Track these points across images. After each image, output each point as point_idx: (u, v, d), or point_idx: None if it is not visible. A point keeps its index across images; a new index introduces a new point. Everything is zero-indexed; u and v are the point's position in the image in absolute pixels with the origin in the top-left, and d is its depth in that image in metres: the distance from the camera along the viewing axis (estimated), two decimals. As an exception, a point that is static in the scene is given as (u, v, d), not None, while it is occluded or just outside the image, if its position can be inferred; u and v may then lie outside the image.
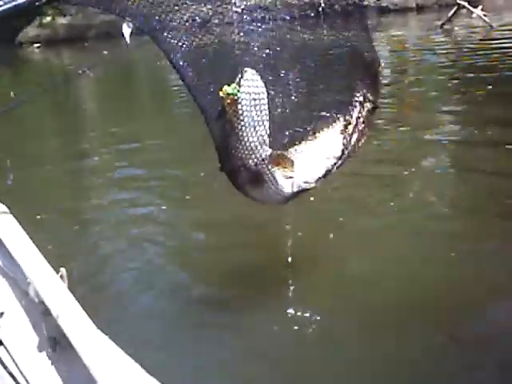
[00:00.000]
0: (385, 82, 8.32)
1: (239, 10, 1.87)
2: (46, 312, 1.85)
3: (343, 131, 2.17)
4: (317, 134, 2.15)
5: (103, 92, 12.71)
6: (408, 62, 10.51)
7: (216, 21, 1.97)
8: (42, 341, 1.94)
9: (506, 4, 16.72)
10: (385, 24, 16.82)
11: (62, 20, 24.82)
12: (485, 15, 12.57)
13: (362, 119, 2.21)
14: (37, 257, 1.99)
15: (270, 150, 1.98)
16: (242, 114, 1.86)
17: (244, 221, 4.48)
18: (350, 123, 2.18)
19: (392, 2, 19.08)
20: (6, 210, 2.38)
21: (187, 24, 1.85)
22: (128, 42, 1.66)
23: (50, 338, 1.91)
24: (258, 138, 1.92)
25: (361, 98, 2.20)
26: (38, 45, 22.71)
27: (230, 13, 1.91)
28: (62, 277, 1.91)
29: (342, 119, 2.19)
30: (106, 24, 20.30)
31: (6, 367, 2.00)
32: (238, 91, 1.84)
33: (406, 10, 18.58)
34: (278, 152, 2.02)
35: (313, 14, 2.23)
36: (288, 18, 2.22)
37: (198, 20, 1.92)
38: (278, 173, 2.04)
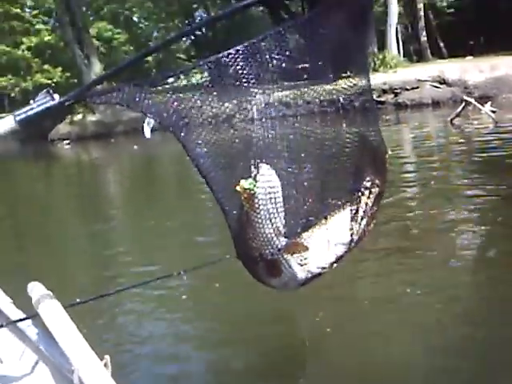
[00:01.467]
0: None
1: (261, 105, 1.94)
2: None
3: (353, 216, 2.20)
4: (327, 220, 2.16)
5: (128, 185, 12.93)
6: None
7: (237, 117, 2.02)
8: None
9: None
10: (402, 118, 17.15)
11: (91, 117, 25.73)
12: (493, 111, 12.94)
13: (370, 204, 2.23)
14: (81, 343, 1.95)
15: (286, 240, 1.99)
16: (258, 208, 1.89)
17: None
18: (358, 208, 2.21)
19: (408, 97, 19.52)
20: (50, 293, 2.35)
21: (208, 120, 1.91)
22: (148, 137, 1.69)
23: None
24: (273, 230, 1.94)
25: (368, 184, 2.23)
26: (67, 141, 23.41)
27: (251, 109, 1.95)
28: (105, 364, 1.87)
29: (350, 205, 2.22)
30: (132, 120, 21.08)
31: None
32: (255, 186, 1.87)
33: (422, 106, 18.94)
34: (293, 240, 2.01)
35: (331, 110, 2.27)
36: (307, 113, 2.29)
37: (220, 117, 1.97)
38: (293, 260, 2.05)
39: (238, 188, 1.88)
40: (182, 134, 1.85)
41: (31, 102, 1.66)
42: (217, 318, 4.57)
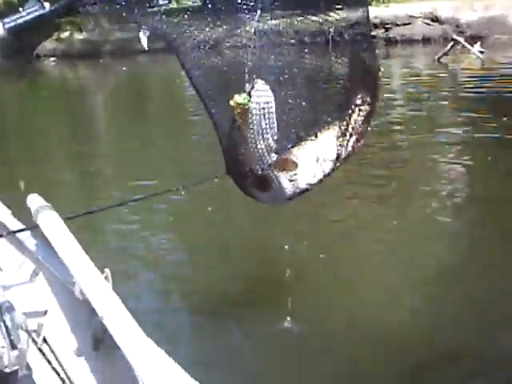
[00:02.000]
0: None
1: (252, 32, 1.94)
2: (91, 312, 1.84)
3: (342, 133, 2.19)
4: (315, 137, 2.17)
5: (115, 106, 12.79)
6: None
7: (228, 43, 2.01)
8: (86, 340, 1.93)
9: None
10: (391, 53, 16.97)
11: (78, 35, 25.01)
12: (481, 52, 13.07)
13: (360, 121, 2.21)
14: (82, 256, 1.97)
15: (276, 156, 2.01)
16: (251, 123, 1.88)
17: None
18: (348, 125, 2.19)
19: (399, 33, 19.19)
20: (49, 205, 2.36)
21: (202, 44, 1.89)
22: (146, 47, 1.67)
23: (94, 337, 1.91)
24: (265, 145, 1.95)
25: (359, 102, 2.20)
26: (53, 58, 22.86)
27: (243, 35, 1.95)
28: (106, 277, 1.90)
29: (340, 122, 2.21)
30: (120, 41, 20.57)
31: (50, 363, 2.01)
32: (249, 101, 1.86)
33: (413, 42, 18.67)
34: (283, 157, 2.03)
35: (321, 41, 2.27)
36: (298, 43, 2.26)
37: (212, 41, 1.95)
38: (283, 176, 2.06)
39: (231, 102, 1.85)
40: (176, 50, 1.83)
41: (20, 9, 1.60)
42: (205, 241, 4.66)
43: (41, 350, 2.03)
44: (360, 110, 2.20)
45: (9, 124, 11.20)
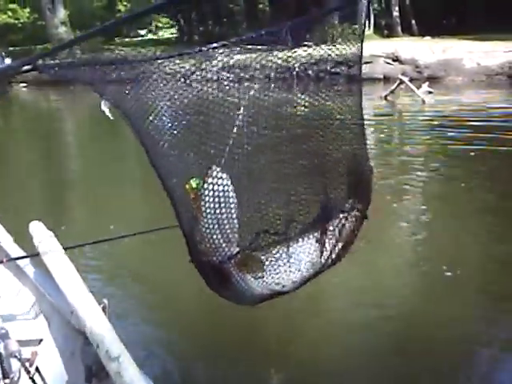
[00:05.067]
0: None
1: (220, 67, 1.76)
2: (86, 342, 1.80)
3: (324, 238, 1.90)
4: (291, 236, 1.88)
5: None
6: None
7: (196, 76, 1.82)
8: (79, 371, 1.87)
9: (464, 83, 17.37)
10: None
11: (50, 61, 24.92)
12: (430, 92, 14.26)
13: (348, 228, 1.91)
14: (81, 287, 1.93)
15: (237, 249, 1.75)
16: (205, 211, 1.67)
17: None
18: (333, 231, 1.90)
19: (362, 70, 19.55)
20: (51, 233, 2.31)
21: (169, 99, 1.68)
22: (110, 116, 1.59)
23: (87, 368, 1.85)
24: (222, 236, 1.70)
25: (347, 208, 1.91)
26: (24, 84, 22.68)
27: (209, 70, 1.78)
28: (104, 308, 1.86)
29: (322, 225, 1.91)
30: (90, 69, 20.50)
31: None
32: (202, 187, 1.66)
33: (374, 80, 19.04)
34: (246, 251, 1.78)
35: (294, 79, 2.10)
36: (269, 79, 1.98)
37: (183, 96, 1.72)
38: (247, 274, 1.81)
39: (186, 186, 1.67)
40: (135, 119, 1.63)
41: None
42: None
43: (33, 380, 1.96)
44: (348, 216, 1.92)
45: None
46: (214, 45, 1.55)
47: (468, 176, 6.99)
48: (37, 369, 2.00)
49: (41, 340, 2.21)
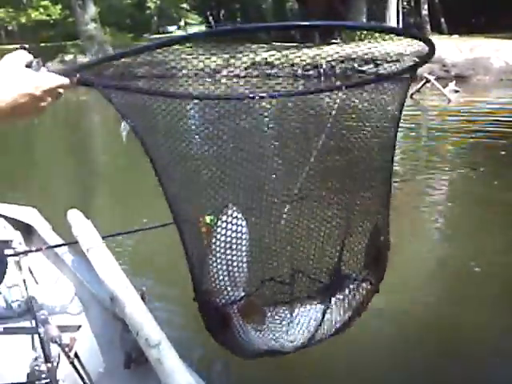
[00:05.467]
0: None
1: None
2: (125, 328, 1.81)
3: (329, 305, 1.77)
4: (298, 299, 1.76)
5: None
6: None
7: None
8: (118, 357, 1.89)
9: (492, 82, 17.15)
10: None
11: (82, 58, 25.25)
12: (456, 91, 14.23)
13: (358, 299, 1.79)
14: (119, 274, 1.93)
15: (242, 294, 1.64)
16: (214, 250, 1.57)
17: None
18: (339, 299, 1.79)
19: (388, 70, 19.38)
20: (89, 222, 2.33)
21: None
22: (124, 140, 1.55)
23: (126, 355, 1.86)
24: (229, 278, 1.60)
25: (360, 278, 1.79)
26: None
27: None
28: (142, 295, 1.86)
29: (332, 291, 1.78)
30: (122, 64, 20.79)
31: (81, 379, 1.96)
32: (215, 224, 1.56)
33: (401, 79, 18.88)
34: (251, 298, 1.66)
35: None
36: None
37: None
38: (248, 324, 1.68)
39: (200, 218, 1.58)
40: (152, 146, 1.54)
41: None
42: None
43: (73, 365, 1.98)
44: (360, 288, 1.79)
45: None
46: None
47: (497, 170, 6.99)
48: (76, 354, 2.02)
49: (79, 326, 2.23)
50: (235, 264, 1.59)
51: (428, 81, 14.14)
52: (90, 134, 12.25)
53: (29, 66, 1.22)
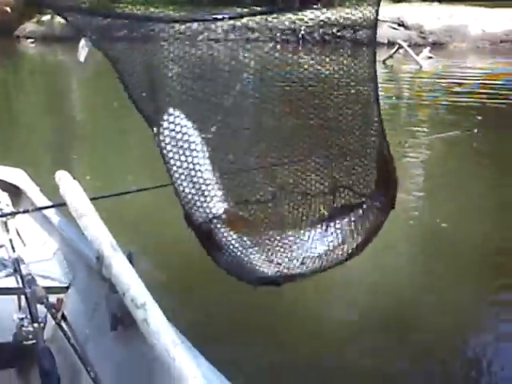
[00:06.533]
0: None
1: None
2: (111, 289, 1.78)
3: (332, 227, 1.62)
4: (303, 219, 1.61)
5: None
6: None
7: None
8: (105, 318, 1.86)
9: (469, 49, 17.18)
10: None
11: (59, 18, 24.71)
12: (430, 57, 14.32)
13: (367, 221, 1.62)
14: (106, 235, 1.89)
15: (222, 210, 1.50)
16: (166, 159, 1.45)
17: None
18: (350, 220, 1.62)
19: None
20: (77, 183, 2.25)
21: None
22: (82, 60, 1.49)
23: (113, 316, 1.83)
24: (195, 189, 1.45)
25: (365, 194, 1.63)
26: (32, 40, 22.49)
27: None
28: (129, 256, 1.82)
29: (334, 214, 1.63)
30: (100, 25, 20.48)
31: (68, 339, 1.95)
32: (158, 132, 1.42)
33: (378, 44, 18.81)
34: (232, 210, 1.51)
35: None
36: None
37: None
38: (233, 235, 1.52)
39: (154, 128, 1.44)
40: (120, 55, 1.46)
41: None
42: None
43: (59, 326, 1.98)
44: (372, 208, 1.62)
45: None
46: (220, 16, 1.38)
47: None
48: (63, 315, 2.01)
49: (67, 287, 2.23)
50: (197, 173, 1.44)
51: (400, 47, 14.28)
52: (68, 94, 12.01)
53: None
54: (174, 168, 1.44)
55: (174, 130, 1.42)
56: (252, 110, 1.62)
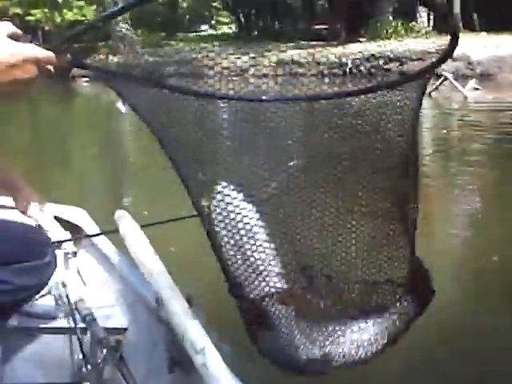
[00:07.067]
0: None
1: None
2: (170, 332, 1.74)
3: (382, 322, 1.51)
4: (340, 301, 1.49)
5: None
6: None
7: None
8: (163, 361, 1.84)
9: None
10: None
11: (113, 58, 25.90)
12: (476, 88, 14.00)
13: (405, 314, 1.52)
14: (164, 275, 1.84)
15: (280, 284, 1.40)
16: (215, 231, 1.36)
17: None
18: (390, 314, 1.51)
19: (413, 68, 19.20)
20: (137, 224, 2.21)
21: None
22: (124, 112, 1.39)
23: (171, 358, 1.80)
24: (249, 266, 1.37)
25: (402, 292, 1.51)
26: (86, 79, 23.38)
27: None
28: (188, 299, 1.76)
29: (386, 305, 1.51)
30: (150, 64, 22.88)
31: (126, 381, 1.91)
32: (210, 204, 1.35)
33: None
34: (292, 290, 1.41)
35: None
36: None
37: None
38: (287, 311, 1.43)
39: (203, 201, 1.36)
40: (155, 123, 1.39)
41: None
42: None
43: (118, 367, 1.93)
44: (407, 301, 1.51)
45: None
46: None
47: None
48: (121, 357, 1.98)
49: (126, 329, 2.21)
50: (250, 248, 1.36)
51: (446, 79, 13.90)
52: (121, 135, 12.23)
53: (11, 37, 1.10)
54: (228, 247, 1.35)
55: (227, 206, 1.32)
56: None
